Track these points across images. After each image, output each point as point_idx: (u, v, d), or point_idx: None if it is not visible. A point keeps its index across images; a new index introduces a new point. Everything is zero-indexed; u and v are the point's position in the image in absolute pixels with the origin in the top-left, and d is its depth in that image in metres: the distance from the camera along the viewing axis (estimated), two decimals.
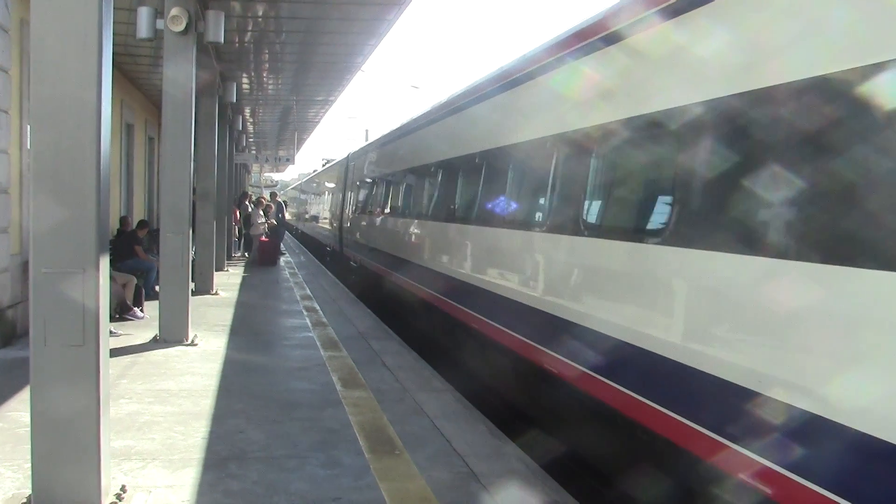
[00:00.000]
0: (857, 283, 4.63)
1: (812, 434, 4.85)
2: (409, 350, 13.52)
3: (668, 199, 6.64)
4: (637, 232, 7.17)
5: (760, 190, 5.46)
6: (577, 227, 8.26)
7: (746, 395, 5.30)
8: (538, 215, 9.56)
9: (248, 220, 31.54)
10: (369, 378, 11.05)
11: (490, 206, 11.29)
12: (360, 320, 16.71)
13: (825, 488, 4.73)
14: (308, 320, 16.28)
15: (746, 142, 5.71)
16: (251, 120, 37.21)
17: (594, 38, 8.24)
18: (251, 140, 44.66)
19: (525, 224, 9.89)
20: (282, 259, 32.27)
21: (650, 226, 7.02)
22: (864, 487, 4.56)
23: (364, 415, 9.14)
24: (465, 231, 12.37)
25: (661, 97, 6.89)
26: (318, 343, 13.64)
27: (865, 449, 4.46)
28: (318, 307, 18.36)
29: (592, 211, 8.26)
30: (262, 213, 31.58)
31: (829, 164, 4.94)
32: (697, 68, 6.49)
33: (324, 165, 47.65)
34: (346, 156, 30.69)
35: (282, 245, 35.15)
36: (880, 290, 4.46)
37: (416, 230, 15.89)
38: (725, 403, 5.57)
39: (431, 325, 14.65)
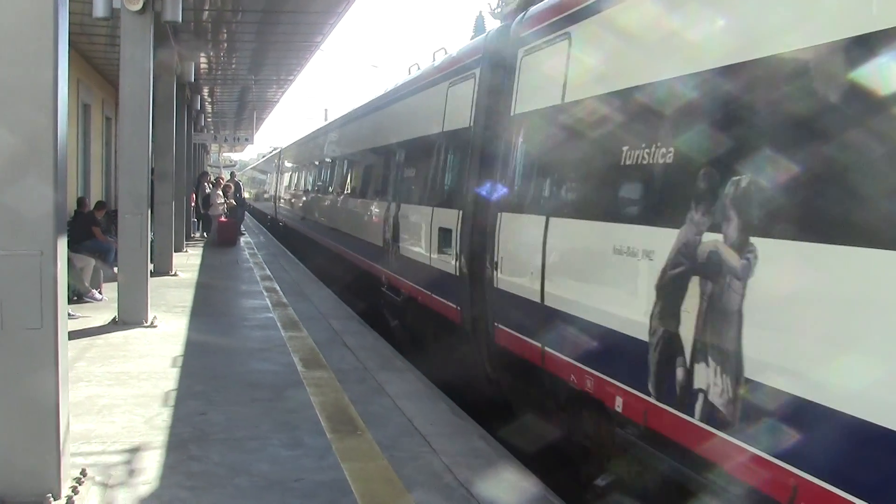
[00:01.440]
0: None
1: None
2: (369, 330, 13.53)
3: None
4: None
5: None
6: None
7: None
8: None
9: (207, 201, 31.32)
10: (330, 358, 11.05)
11: (332, 184, 21.95)
12: (320, 300, 16.68)
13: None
14: (268, 301, 16.22)
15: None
16: (210, 100, 36.87)
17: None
18: (210, 120, 44.26)
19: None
20: (241, 239, 32.09)
21: None
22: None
23: (326, 395, 9.15)
24: (324, 199, 22.99)
25: None
26: (278, 323, 13.61)
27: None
28: (278, 288, 18.29)
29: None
30: (220, 193, 31.39)
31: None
32: None
33: (269, 152, 56.73)
34: (279, 150, 43.87)
35: (241, 226, 34.97)
36: None
37: (309, 200, 26.44)
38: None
39: (306, 244, 26.91)
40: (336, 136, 22.83)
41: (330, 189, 22.03)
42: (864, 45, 4.28)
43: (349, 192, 18.95)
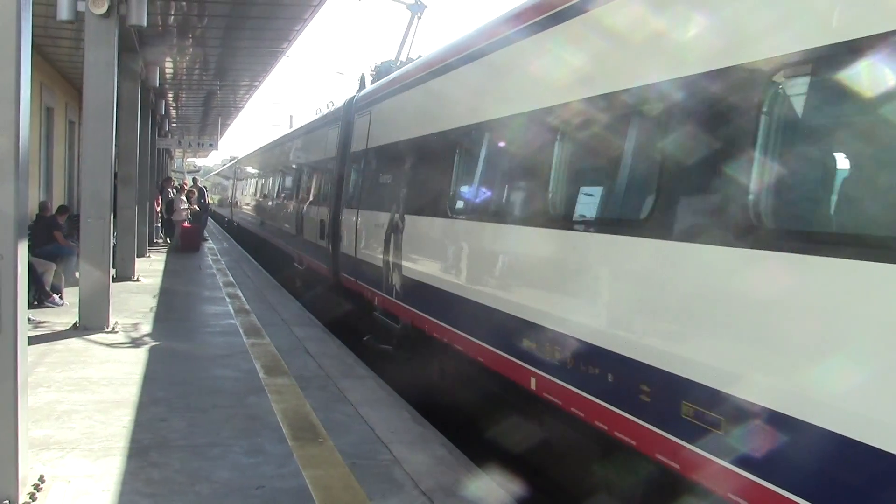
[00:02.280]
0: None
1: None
2: (332, 337, 13.52)
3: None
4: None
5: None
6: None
7: None
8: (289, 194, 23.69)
9: (170, 206, 31.16)
10: (292, 365, 11.03)
11: (265, 191, 29.31)
12: (283, 307, 16.64)
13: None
14: (231, 307, 16.16)
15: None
16: (174, 105, 36.67)
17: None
18: (174, 125, 44.02)
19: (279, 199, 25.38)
20: (205, 245, 31.94)
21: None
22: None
23: (287, 402, 9.13)
24: (261, 202, 30.22)
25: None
26: (240, 330, 13.56)
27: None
28: (241, 294, 18.23)
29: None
30: (184, 198, 31.23)
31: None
32: None
33: (229, 160, 62.36)
34: (234, 160, 51.90)
35: (205, 231, 34.81)
36: None
37: (259, 205, 31.22)
38: None
39: (248, 235, 33.98)
40: (264, 156, 32.79)
41: (264, 195, 30.31)
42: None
43: (274, 197, 26.92)
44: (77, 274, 14.58)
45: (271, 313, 15.67)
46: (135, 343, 12.12)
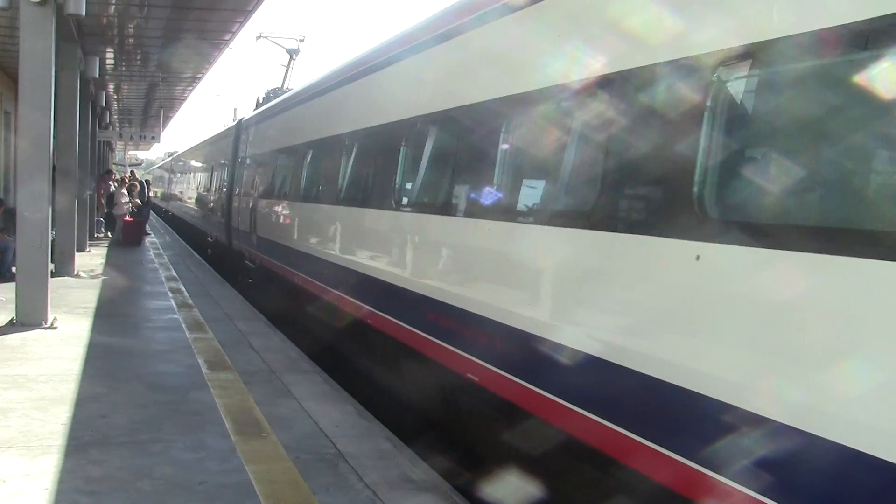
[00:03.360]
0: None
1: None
2: (276, 331, 13.43)
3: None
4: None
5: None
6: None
7: None
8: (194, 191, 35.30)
9: (111, 200, 30.75)
10: (236, 360, 10.94)
11: (195, 185, 36.35)
12: (226, 302, 16.51)
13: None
14: (173, 302, 15.99)
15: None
16: (115, 96, 36.19)
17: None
18: (115, 117, 43.45)
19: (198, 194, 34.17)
20: (147, 239, 31.58)
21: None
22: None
23: (230, 397, 9.05)
24: (186, 194, 40.30)
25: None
26: (183, 325, 13.42)
27: None
28: (183, 288, 18.05)
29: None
30: (125, 191, 30.85)
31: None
32: None
33: (171, 154, 68.02)
34: (170, 157, 62.28)
35: (147, 225, 34.44)
36: None
37: (185, 196, 40.00)
38: None
39: (179, 222, 41.93)
40: (187, 157, 43.13)
41: (188, 188, 39.14)
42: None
43: (194, 189, 35.52)
44: (14, 269, 14.32)
45: (214, 308, 15.52)
46: (74, 339, 11.91)
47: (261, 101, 26.05)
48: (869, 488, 3.90)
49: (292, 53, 31.05)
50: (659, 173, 5.51)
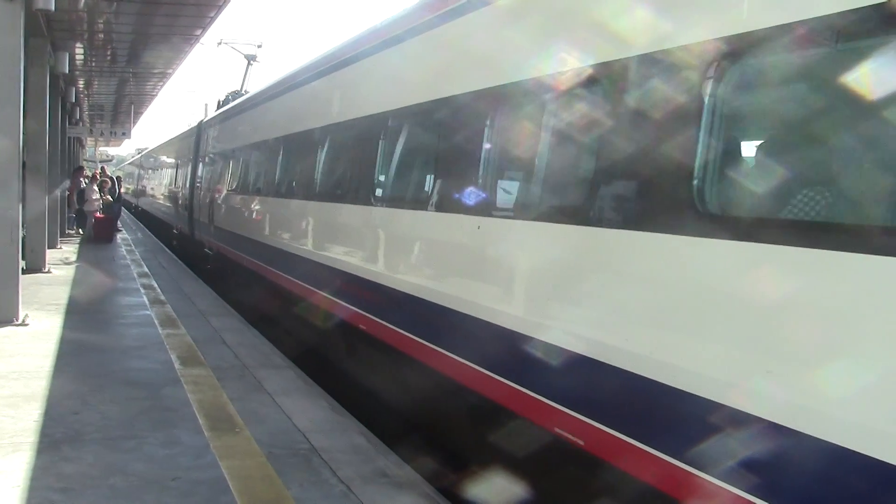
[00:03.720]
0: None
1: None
2: (249, 327, 13.42)
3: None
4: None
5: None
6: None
7: None
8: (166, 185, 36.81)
9: (82, 196, 30.55)
10: (209, 355, 10.93)
11: (162, 181, 39.24)
12: (199, 297, 16.47)
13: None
14: (146, 298, 15.93)
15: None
16: (86, 92, 35.95)
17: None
18: (86, 113, 43.17)
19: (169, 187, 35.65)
20: (118, 236, 31.41)
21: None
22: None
23: (204, 393, 9.04)
24: (158, 189, 40.57)
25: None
26: (156, 321, 13.38)
27: None
28: (155, 284, 17.98)
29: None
30: (95, 188, 30.68)
31: None
32: None
33: (141, 150, 69.51)
34: (140, 153, 63.77)
35: (118, 222, 34.25)
36: None
37: (153, 191, 43.35)
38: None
39: (149, 216, 44.00)
40: (154, 155, 46.10)
41: (156, 183, 42.36)
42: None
43: (161, 185, 38.66)
44: None
45: (187, 304, 15.48)
46: (46, 336, 11.85)
47: (221, 103, 28.09)
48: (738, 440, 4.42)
49: (250, 59, 34.90)
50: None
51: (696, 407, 4.66)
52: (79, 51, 24.30)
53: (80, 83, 32.29)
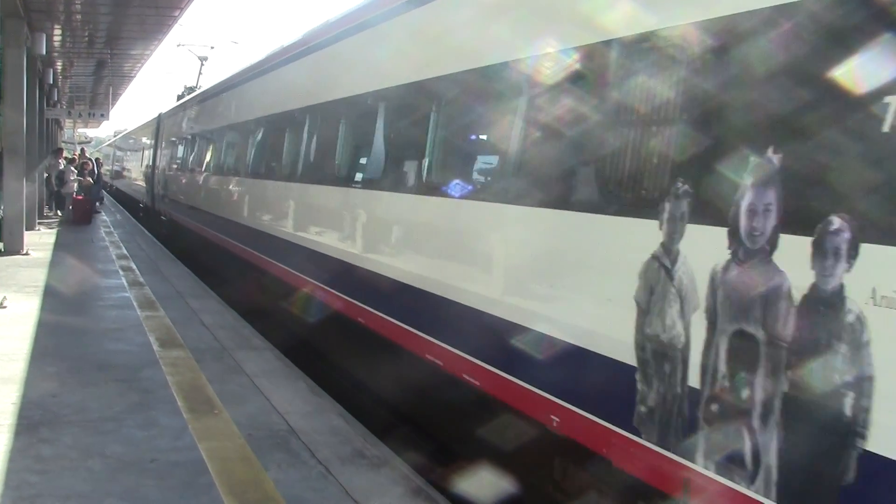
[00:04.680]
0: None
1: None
2: (228, 308, 13.41)
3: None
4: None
5: None
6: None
7: None
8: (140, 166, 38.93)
9: (61, 178, 30.40)
10: (187, 337, 10.92)
11: (131, 163, 44.70)
12: (178, 279, 16.43)
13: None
14: (124, 280, 15.89)
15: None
16: (64, 74, 35.69)
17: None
18: (64, 94, 42.87)
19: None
20: (98, 218, 31.25)
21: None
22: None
23: (182, 374, 9.05)
24: (128, 170, 46.08)
25: None
26: (134, 303, 13.35)
27: None
28: (134, 266, 17.93)
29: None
30: (74, 169, 30.52)
31: None
32: None
33: (115, 135, 73.94)
34: (114, 137, 68.87)
35: (98, 204, 34.09)
36: None
37: (124, 171, 48.29)
38: None
39: (122, 195, 47.66)
40: (125, 140, 50.63)
41: (126, 165, 46.89)
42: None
43: (131, 166, 43.31)
44: None
45: (166, 285, 15.45)
46: (24, 318, 11.81)
47: (180, 96, 33.90)
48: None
49: (202, 60, 40.42)
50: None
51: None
52: (56, 32, 24.15)
53: (58, 64, 32.06)
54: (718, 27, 4.42)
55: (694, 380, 4.38)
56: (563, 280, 5.73)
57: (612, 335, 5.08)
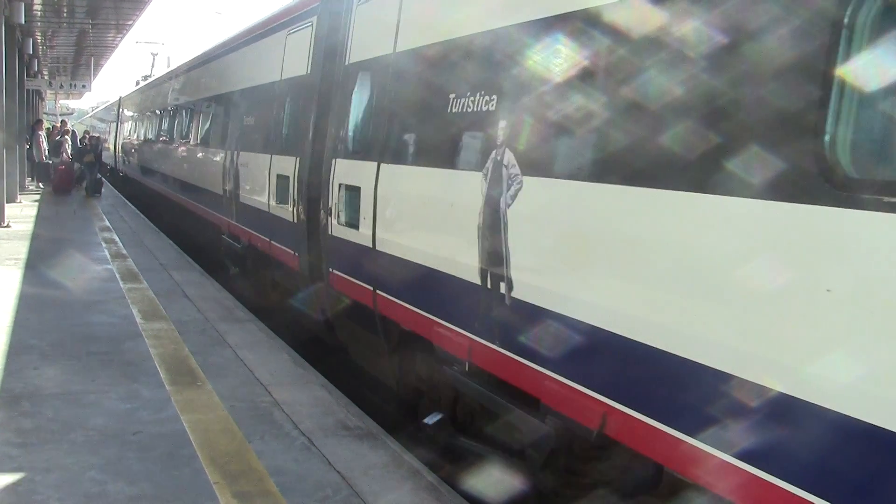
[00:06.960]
0: None
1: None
2: (211, 280, 13.37)
3: None
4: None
5: None
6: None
7: None
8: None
9: (57, 148, 32.88)
10: (170, 309, 10.88)
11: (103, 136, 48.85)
12: (161, 252, 16.36)
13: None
14: (107, 252, 15.81)
15: None
16: (44, 44, 35.33)
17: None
18: (45, 65, 42.47)
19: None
20: (83, 190, 31.04)
21: None
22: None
23: (165, 347, 9.02)
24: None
25: None
26: (117, 275, 13.29)
27: None
28: (117, 238, 17.84)
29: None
30: (68, 139, 31.15)
31: None
32: None
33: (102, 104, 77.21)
34: (90, 112, 78.66)
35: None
36: None
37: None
38: None
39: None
40: (97, 115, 60.07)
41: (104, 137, 48.70)
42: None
43: (105, 137, 45.48)
44: None
45: (149, 258, 15.38)
46: (5, 291, 11.74)
47: (138, 82, 41.86)
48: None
49: (154, 55, 56.11)
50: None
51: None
52: (36, 1, 23.83)
53: (38, 34, 31.70)
54: None
55: None
56: None
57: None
